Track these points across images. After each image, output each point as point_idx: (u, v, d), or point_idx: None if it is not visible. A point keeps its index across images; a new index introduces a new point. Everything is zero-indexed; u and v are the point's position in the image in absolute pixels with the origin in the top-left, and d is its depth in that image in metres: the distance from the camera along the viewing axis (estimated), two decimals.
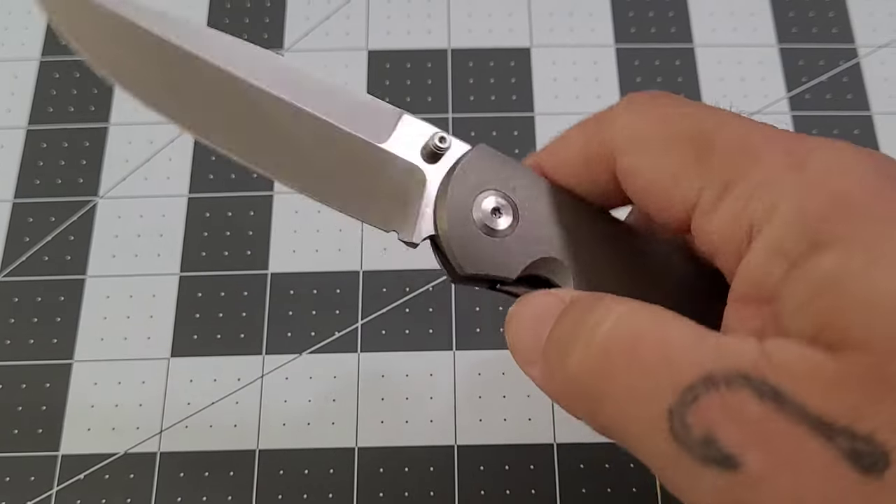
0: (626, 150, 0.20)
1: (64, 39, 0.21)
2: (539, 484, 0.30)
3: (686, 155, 0.19)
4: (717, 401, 0.16)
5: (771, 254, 0.17)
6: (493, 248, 0.21)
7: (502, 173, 0.21)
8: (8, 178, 0.34)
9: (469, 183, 0.21)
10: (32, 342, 0.32)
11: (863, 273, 0.16)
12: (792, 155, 0.17)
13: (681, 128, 0.19)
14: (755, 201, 0.17)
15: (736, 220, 0.18)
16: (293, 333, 0.32)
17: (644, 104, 0.20)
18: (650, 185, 0.20)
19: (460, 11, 0.37)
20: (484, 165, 0.21)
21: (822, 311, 0.16)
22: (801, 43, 0.37)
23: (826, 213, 0.16)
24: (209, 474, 0.30)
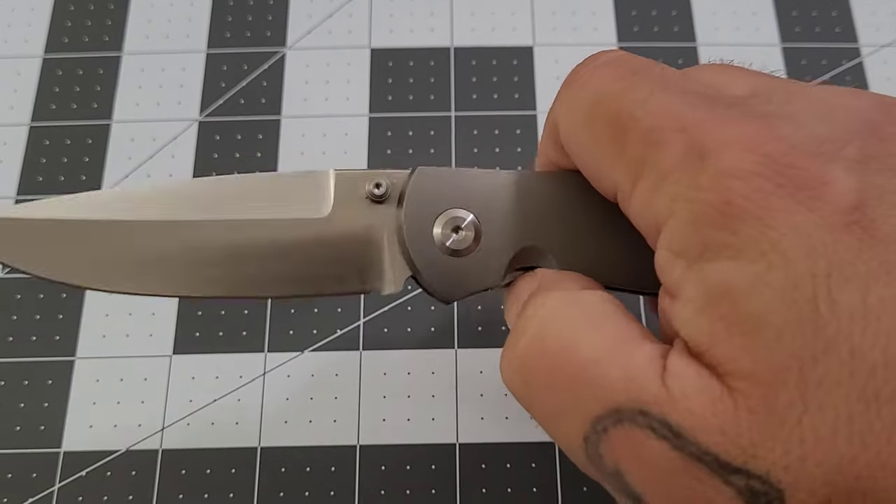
0: (562, 130, 0.20)
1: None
2: (540, 482, 0.30)
3: (604, 140, 0.18)
4: (622, 436, 0.16)
5: (670, 253, 0.16)
6: (469, 266, 0.20)
7: (449, 188, 0.21)
8: (11, 175, 0.35)
9: (420, 214, 0.21)
10: (35, 339, 0.32)
11: (748, 289, 0.15)
12: (693, 146, 0.16)
13: (605, 108, 0.18)
14: (658, 194, 0.17)
15: (646, 211, 0.17)
16: (295, 331, 0.32)
17: (584, 79, 0.19)
18: (582, 164, 0.19)
19: (463, 10, 0.37)
20: (427, 189, 0.21)
21: (712, 323, 0.15)
22: (803, 42, 0.37)
23: (717, 217, 0.15)
24: (211, 472, 0.30)
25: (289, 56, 0.37)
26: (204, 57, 0.37)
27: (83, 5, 0.38)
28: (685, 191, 0.16)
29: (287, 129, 0.35)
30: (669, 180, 0.16)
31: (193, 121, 0.35)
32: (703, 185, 0.16)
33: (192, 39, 0.37)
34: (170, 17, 0.37)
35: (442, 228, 0.20)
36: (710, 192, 0.15)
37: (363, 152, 0.35)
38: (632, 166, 0.17)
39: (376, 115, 0.35)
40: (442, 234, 0.20)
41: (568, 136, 0.19)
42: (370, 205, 0.21)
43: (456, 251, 0.20)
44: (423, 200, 0.21)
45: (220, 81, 0.36)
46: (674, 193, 0.16)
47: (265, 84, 0.36)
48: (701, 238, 0.16)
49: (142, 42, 0.37)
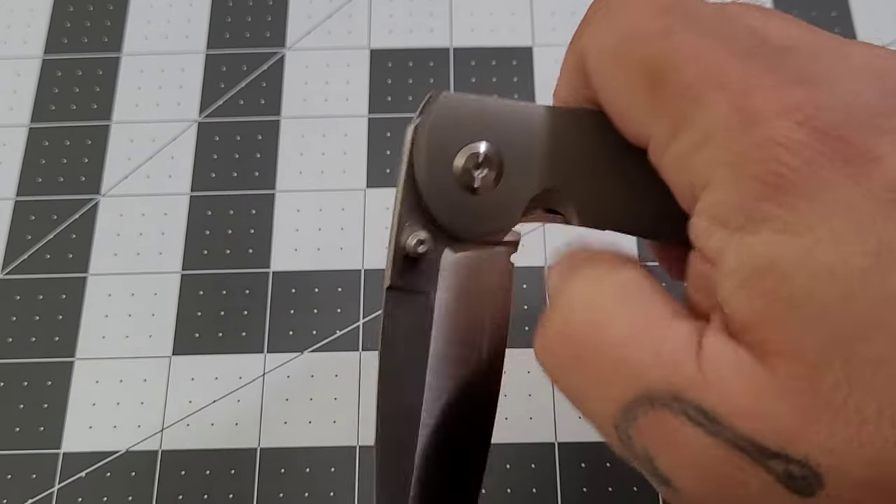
0: (591, 64, 0.19)
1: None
2: (540, 483, 0.30)
3: (638, 85, 0.17)
4: (654, 421, 0.16)
5: (710, 220, 0.16)
6: (484, 205, 0.19)
7: (474, 118, 0.19)
8: (10, 176, 0.35)
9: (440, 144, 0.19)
10: (34, 340, 0.32)
11: (795, 264, 0.14)
12: (740, 109, 0.15)
13: (639, 54, 0.17)
14: (698, 155, 0.16)
15: (682, 169, 0.16)
16: (294, 332, 0.32)
17: (614, 10, 0.18)
18: (609, 105, 0.18)
19: (462, 10, 0.37)
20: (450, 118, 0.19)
21: (754, 300, 0.15)
22: None
23: (764, 188, 0.15)
24: (210, 472, 0.30)
25: (288, 57, 0.37)
26: (203, 58, 0.37)
27: (82, 6, 0.38)
28: (730, 156, 0.15)
29: (286, 130, 0.35)
30: (712, 143, 0.15)
31: (193, 122, 0.35)
32: (750, 154, 0.15)
33: (192, 40, 0.37)
34: (169, 18, 0.37)
35: (464, 162, 0.19)
36: (758, 162, 0.15)
37: (362, 153, 0.35)
38: (669, 120, 0.16)
39: (376, 116, 0.35)
40: (462, 169, 0.19)
41: (597, 71, 0.18)
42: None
43: (474, 188, 0.19)
44: (445, 129, 0.19)
45: (219, 82, 0.36)
46: (716, 157, 0.15)
47: (264, 85, 0.36)
48: (745, 208, 0.15)
49: (141, 43, 0.37)
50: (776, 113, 0.15)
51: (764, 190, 0.15)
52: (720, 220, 0.15)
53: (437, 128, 0.19)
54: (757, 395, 0.15)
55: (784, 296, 0.14)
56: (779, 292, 0.14)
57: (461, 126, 0.19)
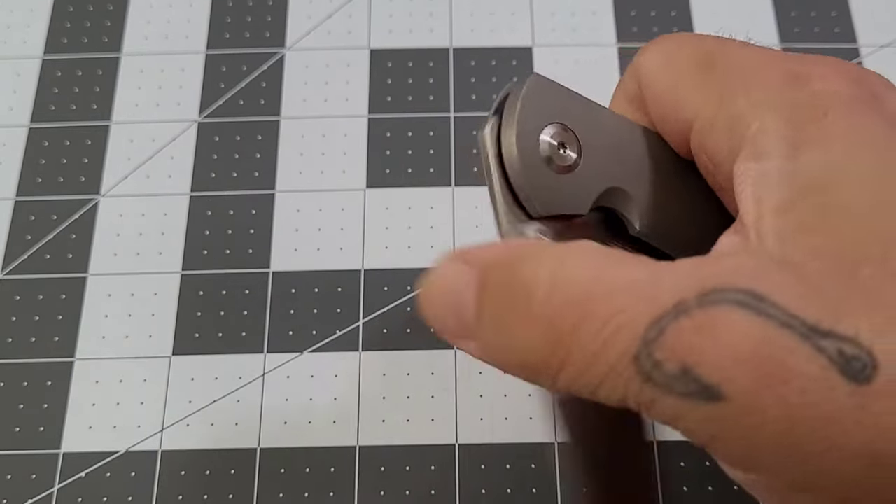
0: (646, 77, 0.20)
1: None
2: (540, 483, 0.30)
3: (689, 69, 0.19)
4: (688, 325, 0.15)
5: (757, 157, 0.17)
6: (564, 185, 0.19)
7: (562, 103, 0.20)
8: (10, 176, 0.35)
9: (532, 117, 0.19)
10: (34, 340, 0.32)
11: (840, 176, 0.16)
12: (791, 72, 0.18)
13: (688, 49, 0.20)
14: (750, 118, 0.17)
15: (731, 135, 0.18)
16: (294, 332, 0.32)
17: (665, 39, 0.21)
18: (658, 100, 0.20)
19: (462, 10, 0.37)
20: (541, 97, 0.20)
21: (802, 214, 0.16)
22: (803, 43, 0.37)
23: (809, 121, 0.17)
24: (210, 473, 0.30)
25: (288, 57, 0.37)
26: (203, 58, 0.37)
27: (82, 6, 0.38)
28: (782, 107, 0.17)
29: (286, 130, 0.35)
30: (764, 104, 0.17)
31: (193, 122, 0.35)
32: (799, 98, 0.17)
33: (192, 40, 0.37)
34: (169, 18, 0.37)
35: (551, 137, 0.19)
36: (807, 105, 0.17)
37: (362, 153, 0.35)
38: (717, 92, 0.18)
39: (375, 116, 0.35)
40: (549, 144, 0.19)
41: (649, 75, 0.20)
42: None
43: (557, 165, 0.19)
44: (538, 105, 0.20)
45: (219, 82, 0.36)
46: (765, 100, 0.17)
47: (264, 85, 0.36)
48: (793, 138, 0.17)
49: (141, 43, 0.37)
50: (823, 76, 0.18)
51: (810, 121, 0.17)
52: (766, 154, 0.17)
53: (530, 99, 0.19)
54: (801, 277, 0.15)
55: (830, 203, 0.16)
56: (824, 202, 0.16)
57: (549, 104, 0.20)
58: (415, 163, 0.34)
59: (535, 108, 0.19)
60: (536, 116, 0.19)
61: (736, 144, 0.18)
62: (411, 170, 0.34)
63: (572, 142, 0.19)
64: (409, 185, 0.34)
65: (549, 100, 0.20)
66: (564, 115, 0.20)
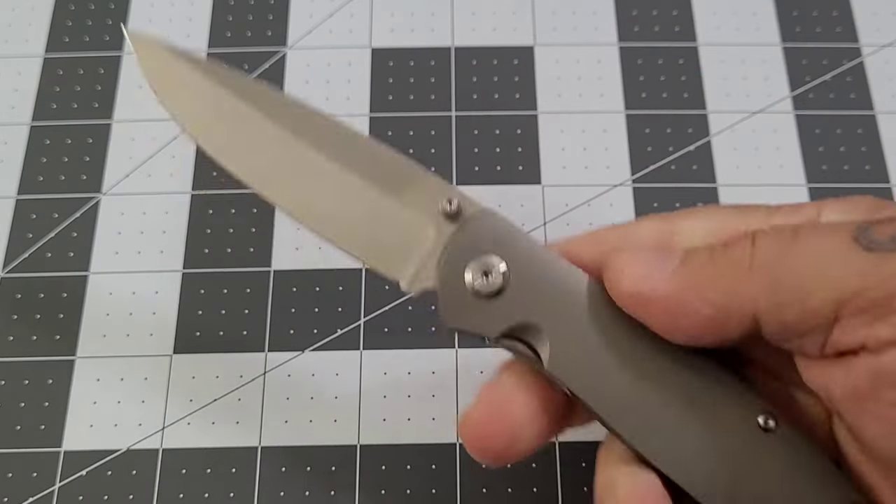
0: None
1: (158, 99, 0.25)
2: (541, 482, 0.30)
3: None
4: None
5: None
6: (478, 309, 0.22)
7: (503, 238, 0.23)
8: (11, 175, 0.35)
9: (467, 245, 0.23)
10: (35, 339, 0.32)
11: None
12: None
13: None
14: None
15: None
16: (295, 331, 0.32)
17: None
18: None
19: (464, 10, 0.37)
20: (486, 229, 0.23)
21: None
22: (804, 42, 0.37)
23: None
24: (211, 471, 0.30)
25: (290, 56, 0.37)
26: (205, 56, 0.37)
27: (84, 5, 0.38)
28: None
29: None
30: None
31: None
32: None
33: (193, 39, 0.37)
34: (170, 17, 0.37)
35: (476, 268, 0.22)
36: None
37: None
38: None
39: (377, 115, 0.35)
40: (472, 274, 0.22)
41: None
42: (438, 214, 0.23)
43: (477, 291, 0.22)
44: (476, 237, 0.23)
45: None
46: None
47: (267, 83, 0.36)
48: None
49: None
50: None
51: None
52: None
53: (469, 233, 0.23)
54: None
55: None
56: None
57: (489, 237, 0.23)
58: (416, 162, 0.34)
59: (475, 239, 0.23)
60: (473, 245, 0.22)
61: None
62: None
63: (499, 275, 0.22)
64: None
65: (492, 234, 0.23)
66: (502, 249, 0.22)
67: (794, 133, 0.35)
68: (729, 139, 0.35)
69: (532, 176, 0.34)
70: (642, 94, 0.36)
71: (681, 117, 0.35)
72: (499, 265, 0.22)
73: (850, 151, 0.35)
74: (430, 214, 0.23)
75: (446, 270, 0.22)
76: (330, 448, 0.30)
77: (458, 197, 0.23)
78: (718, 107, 0.35)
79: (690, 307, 0.20)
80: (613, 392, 0.21)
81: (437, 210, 0.23)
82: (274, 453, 0.30)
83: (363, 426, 0.30)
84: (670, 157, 0.34)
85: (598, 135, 0.35)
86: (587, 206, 0.34)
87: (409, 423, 0.30)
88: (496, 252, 0.22)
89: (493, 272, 0.22)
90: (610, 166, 0.34)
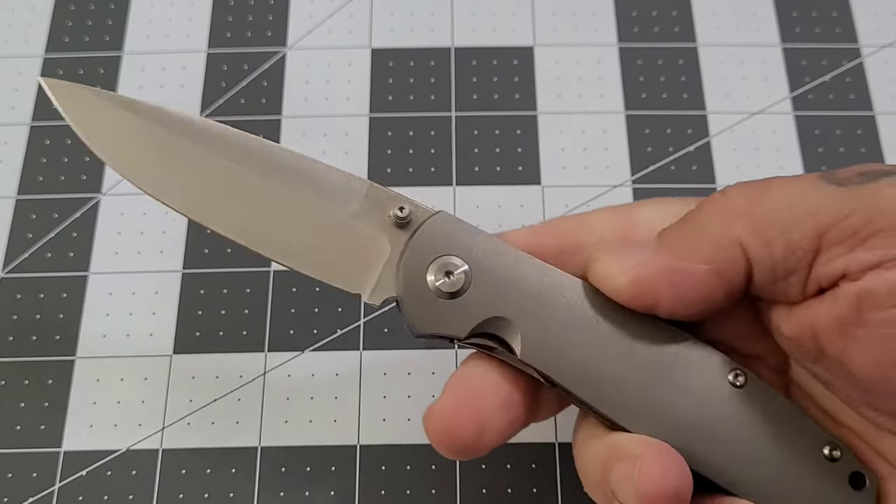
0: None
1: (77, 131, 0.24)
2: (540, 483, 0.30)
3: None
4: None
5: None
6: (444, 310, 0.22)
7: (459, 238, 0.23)
8: (11, 175, 0.35)
9: (425, 249, 0.23)
10: (35, 339, 0.32)
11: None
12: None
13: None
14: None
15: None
16: (295, 331, 0.32)
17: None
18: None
19: (464, 10, 0.37)
20: (442, 231, 0.23)
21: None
22: (804, 43, 0.37)
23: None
24: (211, 471, 0.30)
25: (289, 56, 0.37)
26: (204, 56, 0.37)
27: (84, 5, 0.38)
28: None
29: (287, 129, 0.35)
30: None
31: None
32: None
33: (193, 39, 0.37)
34: (170, 17, 0.37)
35: (436, 269, 0.23)
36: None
37: (363, 152, 0.35)
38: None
39: (377, 115, 0.35)
40: (434, 276, 0.22)
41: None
42: (390, 224, 0.23)
43: (441, 291, 0.22)
44: (433, 239, 0.23)
45: (220, 81, 0.36)
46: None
47: (266, 84, 0.36)
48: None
49: (142, 42, 0.37)
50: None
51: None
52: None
53: (427, 233, 0.23)
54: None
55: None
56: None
57: (446, 238, 0.23)
58: (416, 162, 0.34)
59: (432, 241, 0.23)
60: (431, 248, 0.23)
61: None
62: (412, 169, 0.34)
63: (462, 274, 0.22)
64: (410, 185, 0.34)
65: (448, 235, 0.23)
66: (461, 249, 0.23)
67: (794, 134, 0.35)
68: (728, 140, 0.35)
69: (532, 176, 0.34)
70: (642, 95, 0.36)
71: (680, 118, 0.35)
72: (460, 264, 0.23)
73: (849, 152, 0.35)
74: (382, 224, 0.23)
75: (408, 276, 0.23)
76: (330, 448, 0.30)
77: (407, 204, 0.23)
78: (718, 107, 0.35)
79: (689, 270, 0.21)
80: (587, 371, 0.22)
81: (388, 219, 0.23)
82: (274, 453, 0.30)
83: (363, 426, 0.30)
84: (670, 158, 0.34)
85: (598, 135, 0.35)
86: (587, 207, 0.34)
87: (409, 423, 0.30)
88: (454, 252, 0.23)
89: (455, 271, 0.22)
90: (610, 167, 0.34)
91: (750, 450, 0.21)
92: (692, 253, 0.21)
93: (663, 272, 0.21)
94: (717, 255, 0.21)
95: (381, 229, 0.23)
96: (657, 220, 0.23)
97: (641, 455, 0.20)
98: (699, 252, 0.21)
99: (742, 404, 0.22)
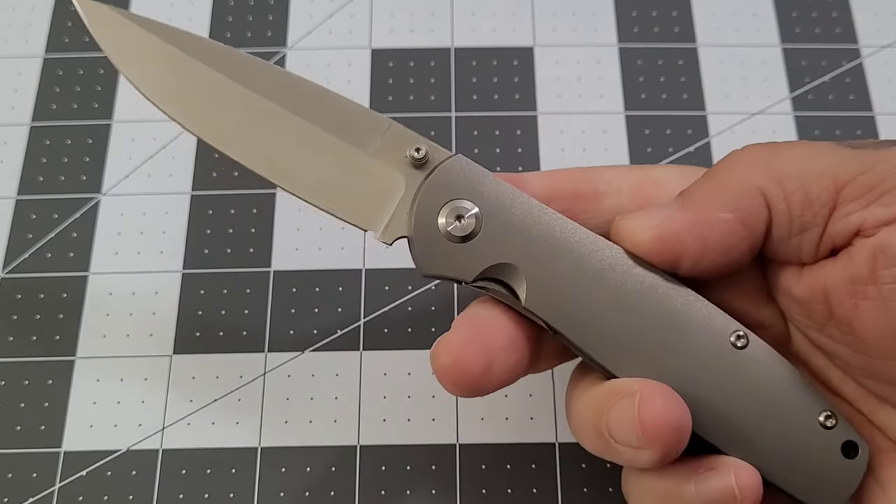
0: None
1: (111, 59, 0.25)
2: (540, 483, 0.30)
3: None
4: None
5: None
6: (453, 253, 0.22)
7: (473, 183, 0.23)
8: (11, 175, 0.35)
9: (439, 191, 0.23)
10: (35, 339, 0.32)
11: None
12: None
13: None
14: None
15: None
16: (295, 331, 0.32)
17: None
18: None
19: (464, 10, 0.37)
20: (457, 175, 0.23)
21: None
22: (803, 43, 0.37)
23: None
24: (211, 471, 0.30)
25: (289, 56, 0.37)
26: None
27: None
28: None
29: None
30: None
31: None
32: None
33: None
34: (170, 17, 0.37)
35: (448, 212, 0.23)
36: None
37: None
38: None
39: None
40: (446, 217, 0.23)
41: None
42: (407, 163, 0.23)
43: (451, 234, 0.22)
44: (447, 182, 0.23)
45: None
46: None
47: None
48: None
49: None
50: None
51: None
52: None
53: (442, 175, 0.23)
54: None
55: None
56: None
57: (460, 182, 0.23)
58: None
59: (446, 183, 0.23)
60: (445, 190, 0.23)
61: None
62: None
63: (473, 218, 0.22)
64: None
65: (463, 178, 0.23)
66: (474, 193, 0.23)
67: (794, 134, 0.35)
68: (728, 140, 0.35)
69: None
70: (642, 95, 0.36)
71: (680, 118, 0.35)
72: (471, 208, 0.23)
73: None
74: (399, 164, 0.23)
75: (419, 217, 0.23)
76: (330, 448, 0.30)
77: (425, 145, 0.23)
78: (718, 108, 0.36)
79: (715, 220, 0.21)
80: (591, 322, 0.22)
81: (405, 159, 0.23)
82: (274, 453, 0.30)
83: (363, 426, 0.30)
84: (670, 158, 0.34)
85: (598, 136, 0.35)
86: None
87: (409, 423, 0.30)
88: (467, 196, 0.23)
89: (466, 215, 0.22)
90: None
91: (746, 411, 0.22)
92: (716, 204, 0.21)
93: (689, 224, 0.21)
94: (741, 204, 0.21)
95: (398, 168, 0.23)
96: (673, 180, 0.23)
97: (641, 390, 0.20)
98: (723, 203, 0.21)
99: (742, 366, 0.22)
